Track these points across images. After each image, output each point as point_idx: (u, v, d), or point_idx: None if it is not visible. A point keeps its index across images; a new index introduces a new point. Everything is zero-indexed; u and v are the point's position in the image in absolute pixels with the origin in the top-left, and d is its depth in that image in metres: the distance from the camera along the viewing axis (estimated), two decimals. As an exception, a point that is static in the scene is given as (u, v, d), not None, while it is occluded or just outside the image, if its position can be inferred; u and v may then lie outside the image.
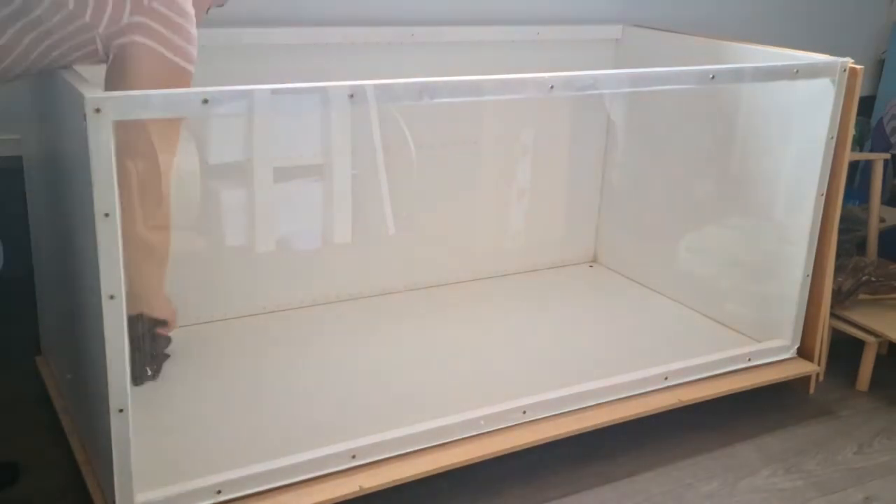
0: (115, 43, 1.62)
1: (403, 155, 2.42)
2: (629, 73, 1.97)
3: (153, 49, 1.63)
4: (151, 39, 1.63)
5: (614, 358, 2.27)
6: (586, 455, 2.05)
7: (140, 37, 1.62)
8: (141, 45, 1.62)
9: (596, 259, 2.96)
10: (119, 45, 1.62)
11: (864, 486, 2.04)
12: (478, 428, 1.92)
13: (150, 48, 1.63)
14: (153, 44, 1.63)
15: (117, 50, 1.63)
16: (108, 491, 1.62)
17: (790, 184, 2.27)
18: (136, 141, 1.64)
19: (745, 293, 2.44)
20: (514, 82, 1.80)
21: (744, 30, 2.68)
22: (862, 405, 2.37)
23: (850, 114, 2.17)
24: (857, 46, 3.23)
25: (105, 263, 1.47)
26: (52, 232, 1.81)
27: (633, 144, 2.76)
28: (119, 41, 1.62)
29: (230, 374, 2.15)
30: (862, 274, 2.52)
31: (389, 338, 2.36)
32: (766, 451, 2.15)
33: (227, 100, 1.55)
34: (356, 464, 1.79)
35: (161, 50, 1.63)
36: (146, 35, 1.62)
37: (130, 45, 1.62)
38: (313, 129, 2.28)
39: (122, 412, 1.55)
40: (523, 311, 2.58)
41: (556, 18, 2.67)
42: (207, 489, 1.66)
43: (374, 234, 2.45)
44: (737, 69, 2.13)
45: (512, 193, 2.74)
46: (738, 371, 2.25)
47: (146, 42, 1.62)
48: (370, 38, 2.39)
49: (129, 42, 1.62)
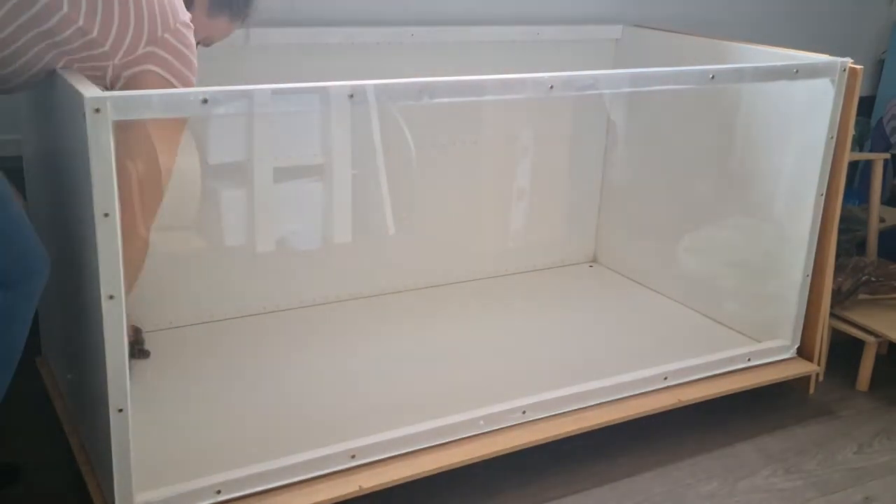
0: (127, 73, 1.67)
1: (403, 155, 2.42)
2: (629, 73, 1.96)
3: (162, 77, 1.68)
4: (161, 68, 1.68)
5: (614, 358, 2.26)
6: (586, 455, 2.05)
7: (152, 65, 1.67)
8: (152, 73, 1.67)
9: (596, 259, 2.96)
10: (130, 74, 1.67)
11: (864, 486, 2.04)
12: (477, 428, 1.92)
13: (159, 76, 1.68)
14: (163, 72, 1.68)
15: (127, 79, 1.67)
16: (108, 491, 1.62)
17: (790, 184, 2.27)
18: (136, 143, 1.65)
19: (745, 293, 2.45)
20: (514, 82, 1.80)
21: (744, 30, 2.68)
22: (862, 405, 2.37)
23: (849, 114, 2.17)
24: (857, 46, 3.23)
25: (105, 263, 1.47)
26: (52, 232, 1.81)
27: (633, 144, 2.76)
28: (131, 71, 1.67)
29: (230, 374, 2.15)
30: (862, 274, 2.52)
31: (389, 338, 2.36)
32: (766, 451, 2.15)
33: (226, 100, 1.55)
34: (356, 464, 1.79)
35: (169, 78, 1.68)
36: (157, 64, 1.67)
37: (143, 74, 1.67)
38: (313, 129, 2.28)
39: (121, 412, 1.55)
40: (523, 311, 2.58)
41: (556, 18, 2.67)
42: (207, 489, 1.66)
43: (374, 234, 2.45)
44: (737, 69, 2.13)
45: (512, 193, 2.74)
46: (738, 371, 2.25)
47: (157, 70, 1.67)
48: (370, 38, 2.39)
49: (142, 71, 1.67)
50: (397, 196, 2.41)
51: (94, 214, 1.45)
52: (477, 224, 2.72)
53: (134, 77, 1.67)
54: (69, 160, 1.57)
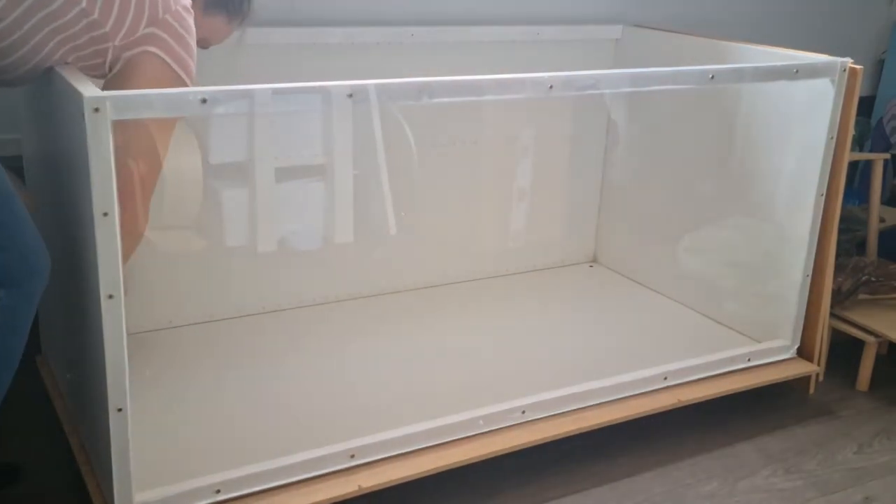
0: (126, 55, 1.67)
1: (404, 155, 2.42)
2: (629, 73, 1.96)
3: (161, 59, 1.68)
4: (161, 50, 1.68)
5: (614, 358, 2.26)
6: (586, 455, 2.05)
7: (152, 47, 1.67)
8: (151, 55, 1.68)
9: (596, 259, 2.96)
10: (129, 55, 1.67)
11: (864, 486, 2.04)
12: (477, 428, 1.92)
13: (158, 58, 1.68)
14: (162, 54, 1.68)
15: (126, 61, 1.68)
16: (108, 491, 1.62)
17: (790, 184, 2.27)
18: (137, 137, 1.65)
19: (745, 293, 2.44)
20: (514, 82, 1.80)
21: (744, 30, 2.68)
22: (862, 405, 2.37)
23: (849, 114, 2.17)
24: (857, 46, 3.23)
25: (104, 263, 1.47)
26: (52, 231, 1.81)
27: (633, 144, 2.76)
28: (131, 52, 1.67)
29: (230, 374, 2.15)
30: (862, 274, 2.52)
31: (389, 338, 2.36)
32: (766, 451, 2.15)
33: (226, 99, 1.55)
34: (355, 463, 1.79)
35: (167, 60, 1.68)
36: (157, 45, 1.67)
37: (141, 55, 1.67)
38: (314, 129, 2.28)
39: (121, 412, 1.55)
40: (523, 311, 2.58)
41: (556, 18, 2.67)
42: (206, 489, 1.66)
43: (374, 234, 2.45)
44: (737, 69, 2.13)
45: (512, 193, 2.74)
46: (738, 371, 2.25)
47: (156, 52, 1.68)
48: (370, 38, 2.39)
49: (141, 51, 1.67)
50: (397, 196, 2.41)
51: (93, 214, 1.45)
52: (477, 224, 2.71)
53: (132, 59, 1.66)
54: (68, 160, 1.57)
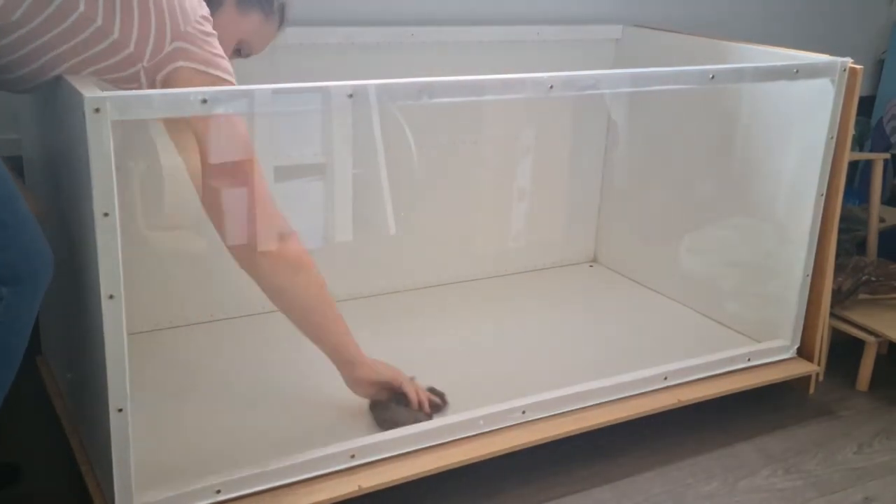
0: (160, 76, 1.66)
1: (404, 155, 2.42)
2: (629, 73, 1.96)
3: (196, 70, 1.67)
4: (192, 61, 1.67)
5: (614, 358, 2.26)
6: (586, 455, 2.05)
7: (182, 61, 1.66)
8: (184, 69, 1.66)
9: (596, 259, 2.96)
10: (164, 75, 1.66)
11: (864, 486, 2.04)
12: (477, 428, 1.92)
13: (193, 69, 1.67)
14: (195, 65, 1.67)
15: (163, 81, 1.67)
16: (108, 491, 1.62)
17: (790, 184, 2.27)
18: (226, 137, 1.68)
19: (745, 293, 2.44)
20: (514, 82, 1.79)
21: (744, 30, 2.68)
22: (862, 405, 2.37)
23: (849, 114, 2.17)
24: (857, 46, 3.22)
25: (104, 263, 1.47)
26: (52, 231, 1.81)
27: (633, 144, 2.76)
28: (164, 72, 1.66)
29: (230, 374, 2.15)
30: (862, 274, 2.52)
31: (389, 338, 2.35)
32: (766, 451, 2.15)
33: (226, 99, 1.55)
34: (355, 463, 1.79)
35: (202, 69, 1.67)
36: (187, 58, 1.66)
37: (174, 72, 1.66)
38: (314, 129, 2.28)
39: (121, 412, 1.55)
40: (523, 310, 2.58)
41: (556, 18, 2.67)
42: (207, 489, 1.66)
43: (374, 233, 2.45)
44: (737, 69, 2.13)
45: (512, 193, 2.74)
46: (738, 371, 2.25)
47: (188, 65, 1.66)
48: (370, 38, 2.39)
49: (174, 69, 1.66)
50: (398, 196, 2.41)
51: (93, 214, 1.45)
52: (477, 224, 2.71)
53: (168, 77, 1.66)
54: (69, 160, 1.57)
